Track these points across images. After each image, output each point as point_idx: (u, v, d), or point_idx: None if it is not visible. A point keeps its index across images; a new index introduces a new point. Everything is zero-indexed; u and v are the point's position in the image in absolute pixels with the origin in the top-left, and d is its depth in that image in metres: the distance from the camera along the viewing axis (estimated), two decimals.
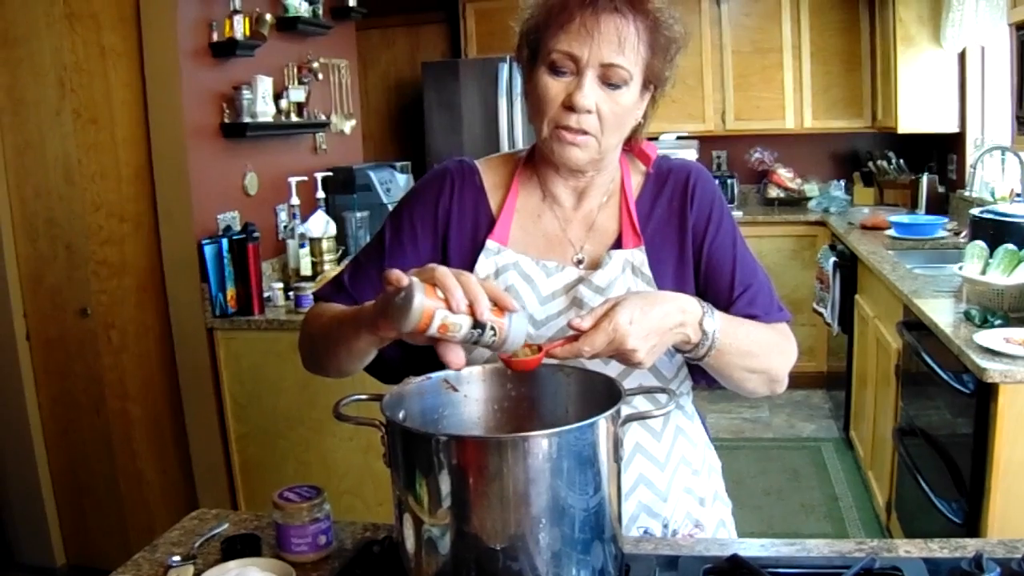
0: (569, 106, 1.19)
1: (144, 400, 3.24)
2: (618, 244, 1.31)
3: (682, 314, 1.13)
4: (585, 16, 1.17)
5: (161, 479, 3.29)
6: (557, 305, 1.29)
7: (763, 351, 1.26)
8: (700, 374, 1.33)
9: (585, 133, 1.20)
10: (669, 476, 1.32)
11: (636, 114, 1.27)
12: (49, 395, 3.30)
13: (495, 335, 1.03)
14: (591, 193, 1.33)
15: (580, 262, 1.32)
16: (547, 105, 1.20)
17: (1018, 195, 3.80)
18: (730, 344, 1.19)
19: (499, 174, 1.37)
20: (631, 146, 1.36)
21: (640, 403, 1.25)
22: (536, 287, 1.29)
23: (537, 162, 1.35)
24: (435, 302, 1.00)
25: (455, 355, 1.05)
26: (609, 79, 1.19)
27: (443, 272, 1.02)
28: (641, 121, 1.30)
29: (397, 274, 1.00)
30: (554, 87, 1.20)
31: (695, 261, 1.32)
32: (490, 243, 1.31)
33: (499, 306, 1.03)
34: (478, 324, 1.01)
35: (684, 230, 1.32)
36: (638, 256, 1.29)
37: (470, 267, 1.29)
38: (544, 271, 1.30)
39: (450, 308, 1.00)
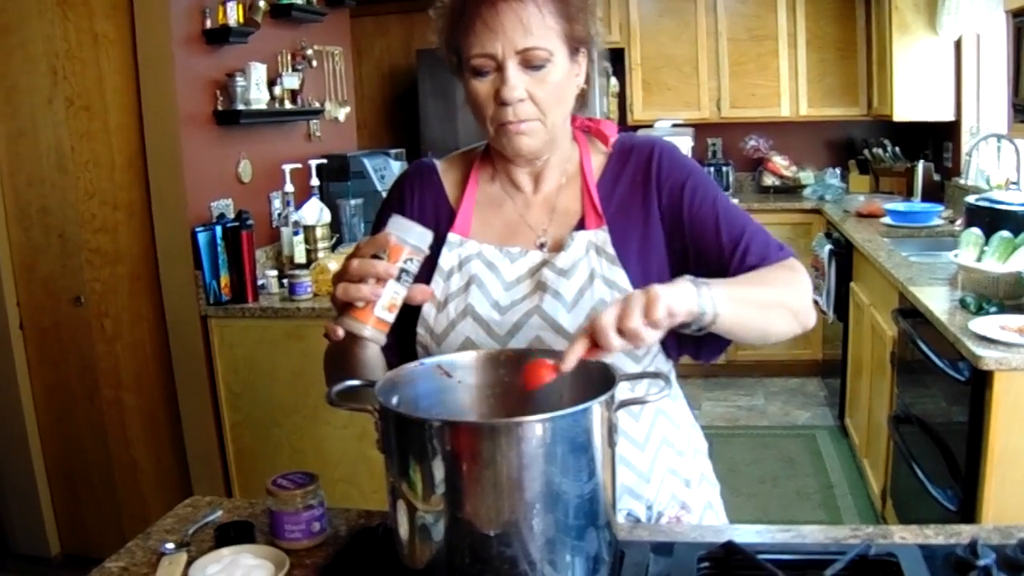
0: (501, 101, 1.20)
1: (138, 388, 3.23)
2: (581, 226, 1.31)
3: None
4: (483, 12, 1.18)
5: (155, 467, 3.29)
6: (522, 290, 1.28)
7: (772, 295, 1.20)
8: (675, 348, 1.31)
9: (527, 121, 1.21)
10: (650, 457, 1.32)
11: (576, 81, 1.27)
12: (43, 384, 3.29)
13: (415, 263, 1.09)
14: (548, 175, 1.33)
15: (543, 245, 1.31)
16: (483, 106, 1.22)
17: (1013, 183, 3.80)
18: (737, 297, 1.12)
19: (457, 169, 1.39)
20: (589, 126, 1.36)
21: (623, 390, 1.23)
22: (500, 274, 1.29)
23: (494, 152, 1.35)
24: (368, 312, 1.07)
25: (419, 293, 1.13)
26: (530, 62, 1.19)
27: (338, 278, 1.08)
28: (584, 86, 1.30)
29: (329, 328, 1.08)
30: (483, 88, 1.21)
31: (678, 235, 1.29)
32: (451, 236, 1.32)
33: (389, 245, 1.07)
34: (398, 275, 1.08)
35: (648, 206, 1.30)
36: (601, 236, 1.29)
37: (435, 263, 1.29)
38: (508, 257, 1.31)
39: (375, 296, 1.06)
